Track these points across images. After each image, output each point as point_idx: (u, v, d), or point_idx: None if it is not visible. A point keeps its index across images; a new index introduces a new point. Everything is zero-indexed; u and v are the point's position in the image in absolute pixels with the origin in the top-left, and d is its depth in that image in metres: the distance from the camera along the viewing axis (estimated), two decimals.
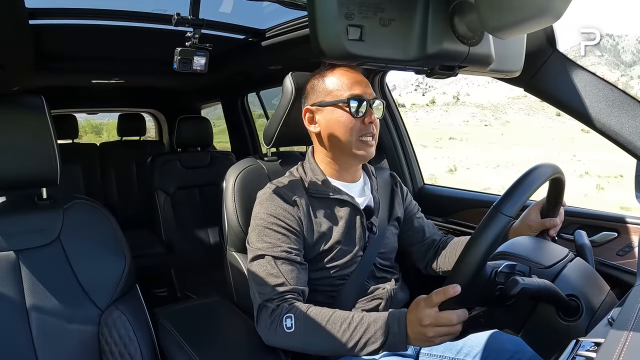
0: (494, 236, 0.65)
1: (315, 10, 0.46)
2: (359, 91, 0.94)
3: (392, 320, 0.78)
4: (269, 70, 2.03)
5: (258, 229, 0.93)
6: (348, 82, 0.95)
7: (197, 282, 2.10)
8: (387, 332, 0.77)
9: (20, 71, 1.68)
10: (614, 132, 0.76)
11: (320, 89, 0.98)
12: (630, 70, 33.63)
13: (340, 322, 0.80)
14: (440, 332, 0.71)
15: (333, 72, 0.97)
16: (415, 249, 1.15)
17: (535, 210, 0.91)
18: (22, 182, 0.92)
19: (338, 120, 0.94)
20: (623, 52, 34.72)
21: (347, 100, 0.93)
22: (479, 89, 35.47)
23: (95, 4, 1.39)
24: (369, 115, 0.94)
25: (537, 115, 33.25)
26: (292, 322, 0.82)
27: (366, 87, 0.96)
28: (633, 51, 35.15)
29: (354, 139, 0.94)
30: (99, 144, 3.25)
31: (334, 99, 0.95)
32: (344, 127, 0.94)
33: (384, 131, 1.60)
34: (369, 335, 0.78)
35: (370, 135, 0.95)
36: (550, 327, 0.66)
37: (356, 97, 0.93)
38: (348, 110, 0.93)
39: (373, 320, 0.79)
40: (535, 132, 31.31)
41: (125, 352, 0.92)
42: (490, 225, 0.66)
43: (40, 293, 0.89)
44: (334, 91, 0.96)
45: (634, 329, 0.46)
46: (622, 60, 34.21)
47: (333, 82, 0.96)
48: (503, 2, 0.44)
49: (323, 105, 0.96)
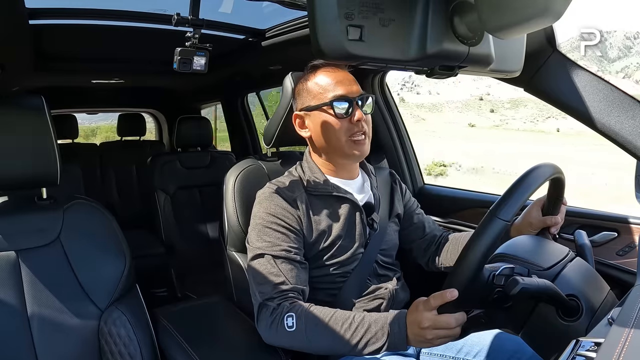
0: (491, 241, 0.66)
1: (315, 10, 0.45)
2: (343, 91, 0.93)
3: (393, 321, 0.78)
4: (269, 70, 2.03)
5: (258, 228, 0.93)
6: (331, 83, 0.94)
7: (197, 282, 2.10)
8: (389, 332, 0.77)
9: (20, 71, 1.68)
10: (614, 132, 0.76)
11: (305, 93, 0.98)
12: (610, 65, 34.45)
13: (342, 322, 0.80)
14: (438, 334, 0.72)
15: (315, 74, 0.97)
16: (416, 245, 1.14)
17: (537, 208, 0.91)
18: (22, 182, 0.92)
19: (325, 124, 0.94)
20: (610, 48, 35.45)
21: (331, 103, 0.93)
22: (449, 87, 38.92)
23: (95, 4, 1.39)
24: (356, 114, 0.93)
25: (469, 112, 36.73)
26: (294, 321, 0.82)
27: (350, 85, 0.95)
28: (620, 47, 35.74)
29: (344, 139, 0.94)
30: (99, 144, 3.25)
31: (319, 103, 0.95)
32: (332, 129, 0.94)
33: (384, 131, 1.60)
34: (370, 335, 0.78)
35: (360, 133, 0.94)
36: (550, 327, 0.65)
37: (340, 97, 0.93)
38: (333, 113, 0.93)
39: (374, 320, 0.79)
40: (441, 127, 33.83)
41: (125, 352, 0.92)
42: (487, 230, 0.66)
43: (41, 293, 0.89)
44: (317, 94, 0.95)
45: (634, 329, 0.46)
46: (608, 56, 35.05)
47: (316, 85, 0.96)
48: (503, 2, 0.44)
49: (309, 110, 0.96)
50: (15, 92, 2.03)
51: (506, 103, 39.05)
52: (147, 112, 3.51)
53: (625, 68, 35.00)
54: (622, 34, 37.64)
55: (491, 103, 39.88)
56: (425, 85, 43.44)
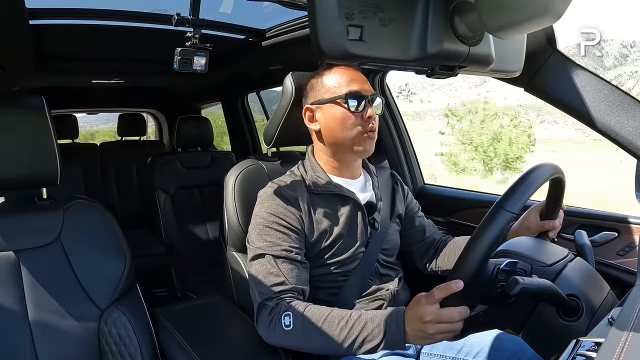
0: (497, 232, 0.65)
1: (316, 10, 0.46)
2: (357, 87, 0.95)
3: (389, 318, 0.77)
4: (269, 70, 2.03)
5: (259, 228, 0.93)
6: (346, 79, 0.96)
7: (197, 282, 2.10)
8: (385, 330, 0.76)
9: (20, 71, 1.68)
10: (614, 132, 0.76)
11: (319, 87, 0.98)
12: (605, 73, 34.94)
13: (338, 320, 0.80)
14: (441, 328, 0.70)
15: (331, 70, 0.98)
16: (415, 248, 1.15)
17: (535, 212, 0.91)
18: (22, 182, 0.92)
19: (337, 117, 0.95)
20: (606, 57, 35.77)
21: (345, 97, 0.94)
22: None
23: (95, 4, 1.39)
24: (367, 110, 0.94)
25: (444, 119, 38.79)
26: (291, 320, 0.82)
27: (364, 83, 0.96)
28: (616, 55, 36.04)
29: (353, 134, 0.94)
30: (99, 144, 3.25)
31: (332, 96, 0.95)
32: (343, 123, 0.94)
33: (384, 131, 1.60)
34: (366, 333, 0.77)
35: (369, 130, 0.95)
36: (551, 327, 0.65)
37: (354, 93, 0.94)
38: (346, 107, 0.94)
39: (370, 318, 0.79)
40: (419, 134, 36.52)
41: (126, 352, 0.92)
42: (494, 221, 0.66)
43: (41, 293, 0.89)
44: (332, 88, 0.96)
45: (634, 329, 0.46)
46: (603, 64, 35.39)
47: (331, 80, 0.97)
48: (503, 2, 0.44)
49: (322, 103, 0.97)
50: (15, 92, 2.03)
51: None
52: (147, 112, 3.51)
53: (618, 77, 35.18)
54: (618, 42, 37.81)
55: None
56: (420, 93, 43.82)
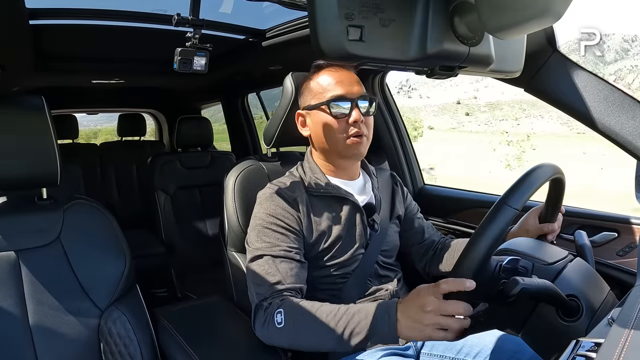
0: (500, 228, 0.65)
1: (316, 10, 0.46)
2: (342, 91, 0.93)
3: (380, 309, 0.75)
4: (269, 71, 2.03)
5: (257, 229, 0.93)
6: (332, 82, 0.94)
7: (197, 282, 2.10)
8: (375, 321, 0.73)
9: (20, 71, 1.68)
10: (614, 132, 0.76)
11: (307, 92, 0.98)
12: (605, 68, 34.78)
13: (327, 313, 0.78)
14: (439, 322, 0.67)
15: (319, 74, 0.97)
16: (414, 250, 1.15)
17: (534, 215, 0.91)
18: (22, 182, 0.92)
19: (323, 123, 0.94)
20: (607, 51, 35.69)
21: (328, 102, 0.93)
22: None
23: (95, 4, 1.39)
24: (352, 114, 0.92)
25: (443, 116, 39.05)
26: (282, 317, 0.81)
27: (351, 85, 0.94)
28: (617, 50, 35.96)
29: (340, 139, 0.93)
30: (99, 144, 3.25)
31: (318, 102, 0.95)
32: (328, 129, 0.94)
33: (384, 131, 1.60)
34: (353, 325, 0.75)
35: (354, 135, 0.93)
36: (550, 327, 0.65)
37: (338, 97, 0.92)
38: (330, 112, 0.93)
39: (358, 310, 0.76)
40: (410, 130, 38.14)
41: (125, 352, 0.92)
42: (497, 217, 0.66)
43: (40, 293, 0.89)
44: (317, 94, 0.95)
45: (634, 329, 0.46)
46: (604, 59, 35.34)
47: (317, 85, 0.96)
48: (503, 2, 0.44)
49: (310, 109, 0.97)
50: (15, 92, 2.03)
51: (482, 107, 39.69)
52: (147, 112, 3.51)
53: (618, 71, 35.13)
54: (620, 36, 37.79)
55: (468, 107, 40.47)
56: (421, 89, 44.08)
